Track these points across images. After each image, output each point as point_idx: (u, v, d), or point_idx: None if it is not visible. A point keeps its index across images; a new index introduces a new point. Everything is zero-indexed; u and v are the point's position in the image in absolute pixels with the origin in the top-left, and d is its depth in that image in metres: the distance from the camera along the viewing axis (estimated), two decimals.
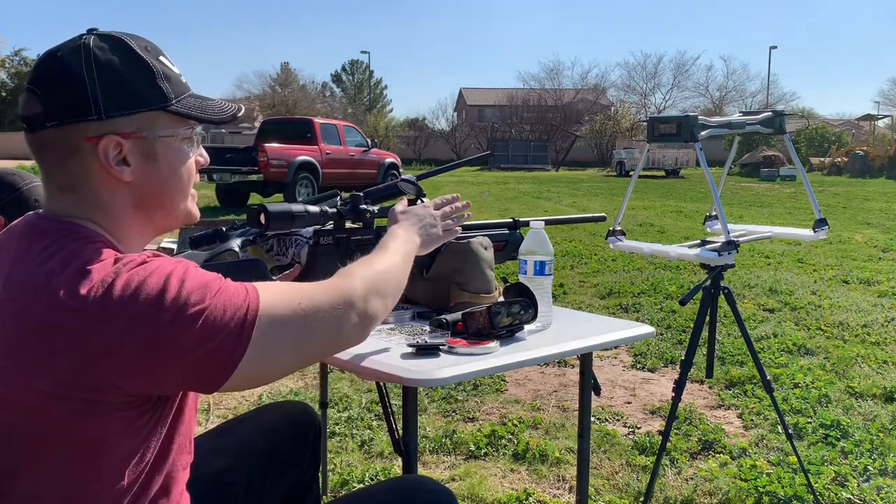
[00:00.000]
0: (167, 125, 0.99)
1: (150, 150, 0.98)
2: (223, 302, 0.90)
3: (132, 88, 0.95)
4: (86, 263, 0.88)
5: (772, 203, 14.77)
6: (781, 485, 2.48)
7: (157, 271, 0.88)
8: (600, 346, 1.53)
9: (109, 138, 0.94)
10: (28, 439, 0.88)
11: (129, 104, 0.95)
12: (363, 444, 2.87)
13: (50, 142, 0.94)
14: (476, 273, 1.58)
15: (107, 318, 0.84)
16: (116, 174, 0.95)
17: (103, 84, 0.93)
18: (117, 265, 0.88)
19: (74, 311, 0.84)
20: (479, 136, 42.91)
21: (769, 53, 52.54)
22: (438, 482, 1.24)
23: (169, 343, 0.86)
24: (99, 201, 0.97)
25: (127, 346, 0.85)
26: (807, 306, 5.22)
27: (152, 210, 1.01)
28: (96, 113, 0.93)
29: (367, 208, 1.52)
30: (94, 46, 0.94)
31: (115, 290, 0.85)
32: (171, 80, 0.99)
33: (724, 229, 2.13)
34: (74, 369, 0.84)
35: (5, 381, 0.87)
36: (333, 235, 1.49)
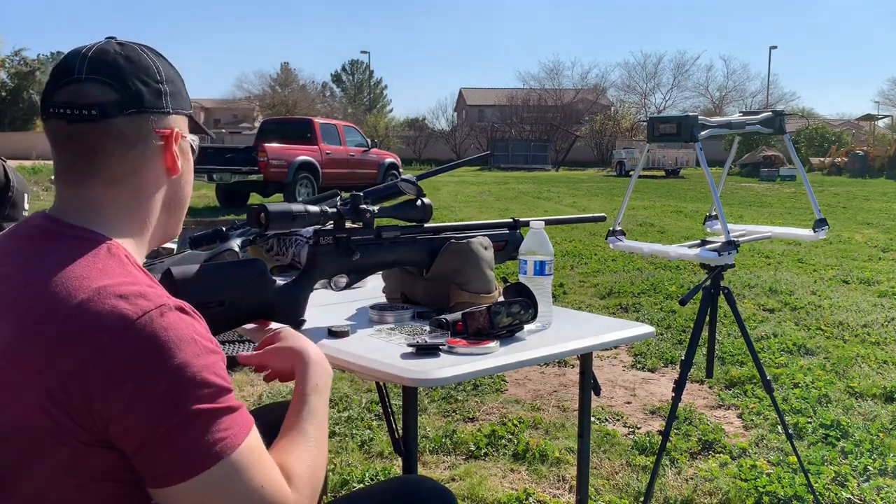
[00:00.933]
0: (188, 129, 1.05)
1: (185, 149, 1.03)
2: (223, 411, 0.85)
3: (181, 90, 1.02)
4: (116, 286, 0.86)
5: (772, 203, 14.77)
6: (781, 485, 2.49)
7: (199, 338, 0.86)
8: (600, 346, 1.53)
9: (177, 132, 1.00)
10: (29, 440, 0.88)
11: (183, 104, 1.02)
12: (363, 444, 2.87)
13: (120, 130, 0.94)
14: (476, 273, 1.58)
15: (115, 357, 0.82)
16: (178, 166, 1.01)
17: (168, 81, 0.99)
18: (160, 302, 0.86)
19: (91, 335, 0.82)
20: (479, 136, 42.92)
21: (769, 53, 52.56)
22: (438, 482, 1.25)
23: (157, 403, 0.82)
24: (142, 195, 0.99)
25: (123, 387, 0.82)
26: (807, 306, 5.22)
27: (173, 212, 1.04)
28: (166, 106, 0.98)
29: (367, 208, 1.52)
30: (140, 49, 0.99)
31: (138, 334, 0.83)
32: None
33: (724, 229, 2.13)
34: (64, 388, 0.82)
35: (6, 381, 0.86)
36: (333, 235, 1.49)
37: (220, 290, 1.32)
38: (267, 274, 1.38)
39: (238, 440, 0.86)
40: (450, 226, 1.68)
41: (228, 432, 0.85)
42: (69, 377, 0.82)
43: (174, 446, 0.82)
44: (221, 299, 1.32)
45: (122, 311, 0.84)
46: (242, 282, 1.35)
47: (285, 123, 16.15)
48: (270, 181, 12.55)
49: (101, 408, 0.82)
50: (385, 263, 1.59)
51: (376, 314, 1.55)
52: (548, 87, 49.70)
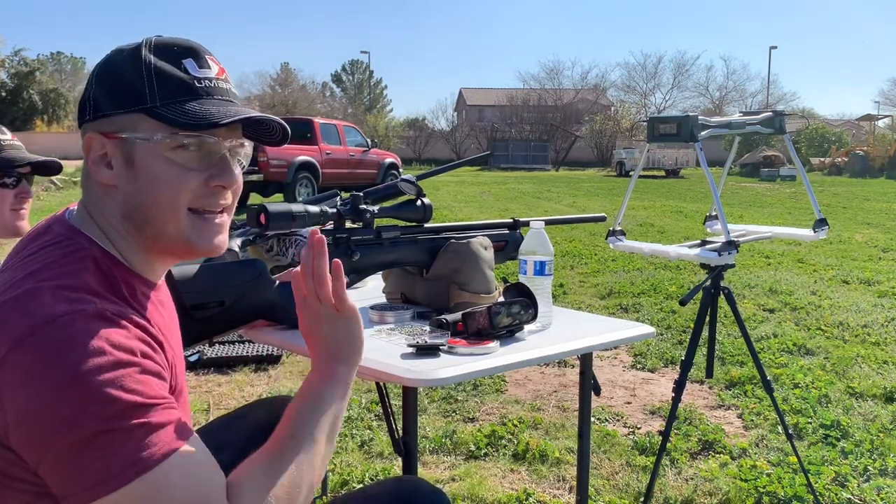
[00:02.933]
0: (150, 129, 0.90)
1: (129, 153, 0.91)
2: (126, 434, 0.77)
3: (122, 87, 0.91)
4: (47, 287, 0.82)
5: (772, 203, 14.77)
6: (781, 485, 2.48)
7: (100, 345, 0.79)
8: (600, 346, 1.53)
9: (92, 136, 0.92)
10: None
11: (115, 103, 0.91)
12: (363, 444, 2.87)
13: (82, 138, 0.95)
14: (476, 273, 1.58)
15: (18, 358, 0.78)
16: (98, 176, 0.92)
17: (99, 83, 0.93)
18: (64, 307, 0.80)
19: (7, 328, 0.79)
20: (479, 136, 42.89)
21: (769, 53, 52.49)
22: (434, 485, 1.24)
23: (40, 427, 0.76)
24: (95, 203, 0.95)
25: (27, 389, 0.77)
26: (807, 306, 5.22)
27: (138, 223, 0.93)
28: (90, 112, 0.93)
29: (366, 208, 1.52)
30: (123, 49, 0.95)
31: (46, 337, 0.78)
32: (170, 81, 0.91)
33: (724, 229, 2.13)
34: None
35: None
36: (333, 235, 1.49)
37: (220, 290, 1.32)
38: (267, 274, 1.38)
39: (150, 462, 0.77)
40: (450, 226, 1.68)
41: (138, 454, 0.77)
42: None
43: (73, 466, 0.76)
44: (221, 299, 1.32)
45: (31, 313, 0.79)
46: (242, 282, 1.36)
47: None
48: (270, 181, 12.56)
49: (2, 413, 0.78)
50: (385, 263, 1.59)
51: (376, 314, 1.55)
52: (548, 87, 49.68)
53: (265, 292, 1.38)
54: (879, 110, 43.86)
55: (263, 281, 1.37)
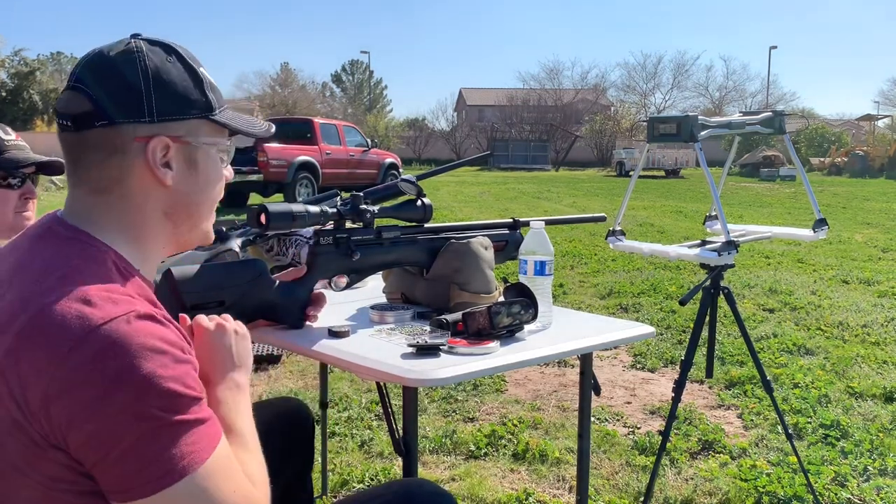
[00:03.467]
0: (210, 134, 0.99)
1: (193, 157, 0.98)
2: (191, 423, 0.82)
3: (184, 94, 0.96)
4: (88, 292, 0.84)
5: (772, 203, 14.77)
6: (781, 485, 2.49)
7: (164, 342, 0.83)
8: (600, 346, 1.53)
9: (159, 139, 0.94)
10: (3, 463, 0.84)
11: (180, 109, 0.96)
12: (363, 444, 2.87)
13: (95, 141, 0.93)
14: (476, 273, 1.58)
15: (77, 362, 0.79)
16: (160, 176, 0.95)
17: (157, 87, 0.94)
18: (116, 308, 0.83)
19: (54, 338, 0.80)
20: (479, 136, 42.90)
21: (769, 53, 52.47)
22: (440, 486, 1.24)
23: (119, 415, 0.79)
24: (132, 204, 0.95)
25: (82, 392, 0.79)
26: (807, 306, 5.22)
27: (181, 220, 0.99)
28: (149, 115, 0.93)
29: (367, 208, 1.52)
30: (147, 50, 0.95)
31: (111, 333, 0.80)
32: (215, 91, 1.00)
33: (723, 229, 2.13)
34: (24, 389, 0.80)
35: None
36: (333, 235, 1.49)
37: (221, 291, 1.32)
38: (267, 274, 1.39)
39: (206, 453, 0.83)
40: (450, 226, 1.68)
41: (196, 445, 0.82)
42: (28, 380, 0.80)
43: (138, 460, 0.79)
44: (221, 299, 1.32)
45: (86, 315, 0.81)
46: (242, 282, 1.36)
47: (285, 123, 16.13)
48: (270, 181, 12.56)
49: (58, 414, 0.79)
50: (385, 263, 1.59)
51: (376, 314, 1.55)
52: (548, 87, 49.70)
53: (265, 292, 1.38)
54: (879, 110, 43.87)
55: (264, 281, 1.37)
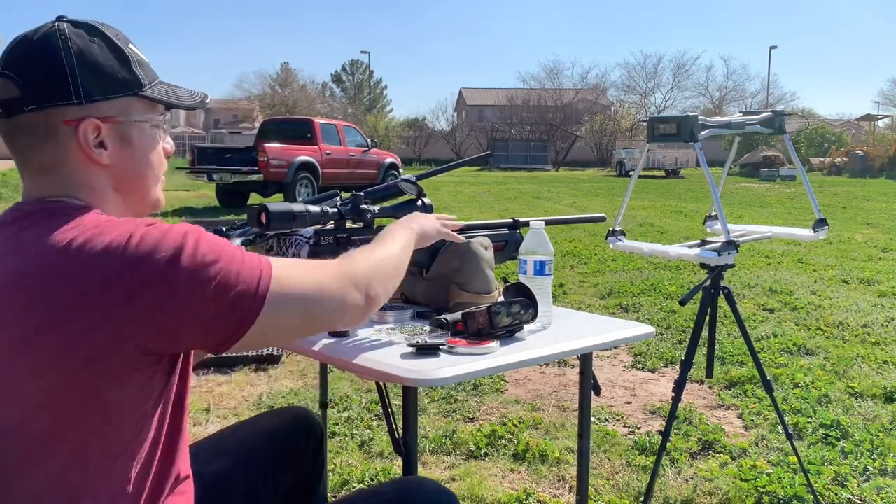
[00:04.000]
0: (141, 110, 1.02)
1: (126, 134, 1.00)
2: (238, 265, 0.93)
3: (110, 73, 0.98)
4: (97, 227, 0.90)
5: (772, 203, 14.78)
6: (781, 485, 2.49)
7: (173, 230, 0.91)
8: (600, 346, 1.53)
9: (89, 121, 0.96)
10: (28, 439, 0.89)
11: (108, 89, 0.97)
12: (363, 444, 2.87)
13: (27, 125, 0.95)
14: (476, 273, 1.58)
15: (125, 271, 0.86)
16: (95, 157, 0.97)
17: (82, 68, 0.95)
18: (129, 225, 0.90)
19: (94, 270, 0.86)
20: (479, 136, 42.90)
21: (769, 53, 52.53)
22: (440, 483, 1.25)
23: (186, 299, 0.88)
24: (79, 181, 0.98)
25: (145, 299, 0.86)
26: (807, 306, 5.22)
27: (128, 193, 1.03)
28: (76, 97, 0.95)
29: (367, 208, 1.52)
30: (70, 33, 0.96)
31: (132, 246, 0.87)
32: (144, 67, 1.02)
33: (724, 229, 2.13)
34: (95, 327, 0.85)
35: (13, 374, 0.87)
36: (334, 235, 1.49)
37: None
38: None
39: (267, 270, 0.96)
40: None
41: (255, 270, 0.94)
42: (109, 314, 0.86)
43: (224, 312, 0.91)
44: None
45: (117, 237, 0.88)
46: None
47: (285, 123, 16.15)
48: (270, 181, 12.55)
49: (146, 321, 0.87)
50: None
51: (377, 313, 1.55)
52: (548, 87, 49.72)
53: None
54: (879, 110, 43.91)
55: None
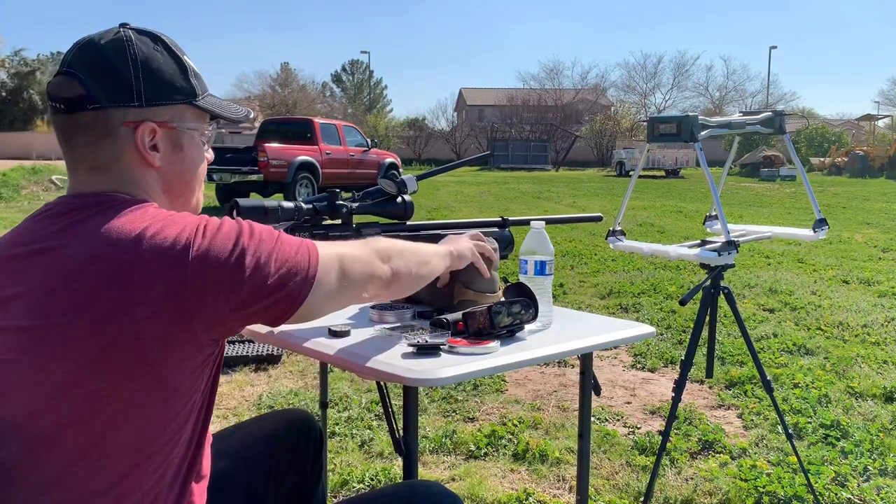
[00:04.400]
0: (193, 119, 1.07)
1: (178, 140, 1.06)
2: (289, 246, 1.00)
3: (170, 81, 1.03)
4: (164, 219, 0.94)
5: (772, 203, 14.77)
6: (781, 485, 2.49)
7: (228, 222, 0.98)
8: (600, 346, 1.53)
9: (146, 125, 1.01)
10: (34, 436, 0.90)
11: (166, 95, 1.03)
12: (363, 444, 2.87)
13: (87, 123, 0.99)
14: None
15: (196, 261, 0.91)
16: (149, 158, 1.02)
17: (146, 74, 1.01)
18: (192, 218, 0.96)
19: (165, 257, 0.90)
20: (479, 136, 42.90)
21: (769, 53, 52.59)
22: (445, 487, 1.24)
23: (251, 278, 0.94)
24: (130, 180, 1.02)
25: (216, 283, 0.92)
26: (807, 306, 5.22)
27: (175, 196, 1.08)
28: (138, 100, 1.00)
29: (343, 204, 1.48)
30: (136, 39, 1.02)
31: (199, 235, 0.93)
32: (199, 78, 1.08)
33: (724, 229, 2.13)
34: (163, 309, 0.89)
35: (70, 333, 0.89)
36: (310, 231, 1.46)
37: None
38: None
39: (314, 250, 1.03)
40: (434, 224, 1.64)
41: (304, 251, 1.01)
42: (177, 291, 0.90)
43: (283, 288, 0.97)
44: None
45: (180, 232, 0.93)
46: None
47: (285, 123, 16.13)
48: (270, 181, 12.55)
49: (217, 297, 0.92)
50: None
51: (377, 313, 1.55)
52: (548, 87, 49.72)
53: None
54: (879, 110, 43.90)
55: None
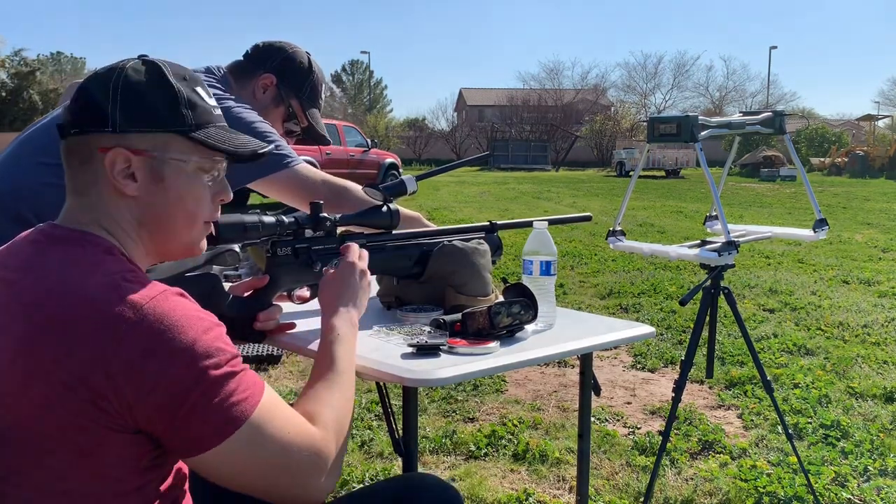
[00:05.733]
0: (182, 150, 1.02)
1: (158, 170, 1.01)
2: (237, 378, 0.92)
3: (151, 109, 1.00)
4: (121, 278, 0.92)
5: (772, 203, 14.77)
6: (781, 485, 2.49)
7: (197, 316, 0.92)
8: (600, 346, 1.53)
9: (118, 151, 0.98)
10: (28, 443, 0.89)
11: (145, 122, 0.99)
12: (363, 444, 2.87)
13: (72, 147, 1.01)
14: (473, 275, 1.56)
15: (133, 338, 0.87)
16: (121, 186, 0.99)
17: (124, 101, 0.99)
18: (159, 289, 0.92)
19: (102, 323, 0.87)
20: (479, 137, 42.86)
21: (769, 53, 52.56)
22: (443, 479, 1.24)
23: (174, 386, 0.87)
24: (106, 208, 1.01)
25: (138, 372, 0.87)
26: (807, 306, 5.22)
27: (154, 230, 1.04)
28: (112, 126, 0.98)
29: (326, 216, 1.44)
30: (129, 67, 1.01)
31: (153, 315, 0.88)
32: (197, 109, 1.03)
33: (724, 229, 2.13)
34: (83, 379, 0.86)
35: (12, 380, 0.89)
36: (292, 245, 1.41)
37: None
38: (220, 288, 1.32)
39: (257, 397, 0.93)
40: (422, 231, 1.62)
41: (248, 392, 0.92)
42: (90, 365, 0.86)
43: (202, 416, 0.88)
44: None
45: (131, 298, 0.89)
46: (194, 296, 1.29)
47: None
48: None
49: (125, 391, 0.86)
50: None
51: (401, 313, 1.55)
52: (548, 87, 49.67)
53: (220, 306, 1.31)
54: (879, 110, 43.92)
55: (216, 295, 1.32)
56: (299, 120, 2.04)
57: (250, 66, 1.99)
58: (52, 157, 1.65)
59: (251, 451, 0.92)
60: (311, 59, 2.05)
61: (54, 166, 1.65)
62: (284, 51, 2.00)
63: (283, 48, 2.01)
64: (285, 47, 2.01)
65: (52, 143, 1.68)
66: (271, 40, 2.03)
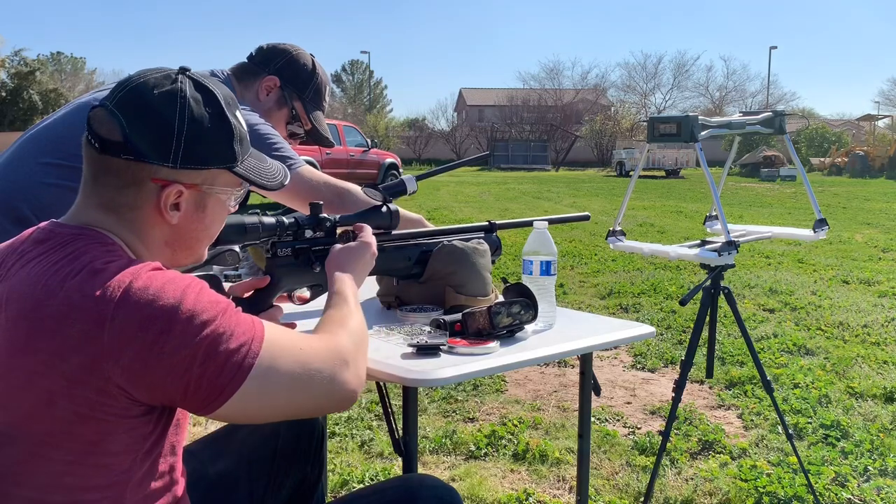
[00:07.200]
0: (226, 183, 1.05)
1: (203, 201, 1.03)
2: (232, 326, 0.92)
3: (212, 146, 1.01)
4: (101, 265, 0.91)
5: (772, 203, 14.77)
6: (781, 485, 2.49)
7: (174, 280, 0.92)
8: (600, 346, 1.53)
9: (174, 186, 0.99)
10: (30, 441, 0.89)
11: (204, 160, 1.01)
12: (363, 444, 2.87)
13: (117, 169, 0.97)
14: (472, 275, 1.56)
15: (120, 320, 0.87)
16: (167, 217, 1.00)
17: (189, 138, 0.98)
18: (134, 268, 0.91)
19: (87, 310, 0.87)
20: (479, 137, 42.85)
21: (769, 53, 52.47)
22: (442, 480, 1.25)
23: (175, 353, 0.88)
24: (137, 229, 1.00)
25: (135, 350, 0.87)
26: (807, 306, 5.22)
27: (180, 250, 1.06)
28: (173, 161, 0.98)
29: (326, 217, 1.43)
30: (189, 97, 0.99)
31: (132, 293, 0.88)
32: (242, 143, 1.05)
33: (724, 229, 2.13)
34: (83, 368, 0.87)
35: (12, 379, 0.89)
36: (292, 246, 1.40)
37: None
38: (220, 288, 1.31)
39: (259, 335, 0.94)
40: (422, 232, 1.61)
41: (248, 334, 0.93)
42: (88, 356, 0.86)
43: (211, 373, 0.89)
44: None
45: (111, 282, 0.89)
46: None
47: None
48: None
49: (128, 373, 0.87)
50: None
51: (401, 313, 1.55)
52: (548, 87, 49.65)
53: None
54: (879, 110, 43.86)
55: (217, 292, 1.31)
56: (302, 122, 2.04)
57: (254, 69, 1.99)
58: (55, 158, 1.66)
59: (270, 385, 0.93)
60: (315, 61, 2.04)
61: (56, 167, 1.65)
62: (288, 53, 2.00)
63: (287, 50, 2.00)
64: (289, 50, 2.01)
65: (55, 143, 1.69)
66: (275, 42, 2.03)
